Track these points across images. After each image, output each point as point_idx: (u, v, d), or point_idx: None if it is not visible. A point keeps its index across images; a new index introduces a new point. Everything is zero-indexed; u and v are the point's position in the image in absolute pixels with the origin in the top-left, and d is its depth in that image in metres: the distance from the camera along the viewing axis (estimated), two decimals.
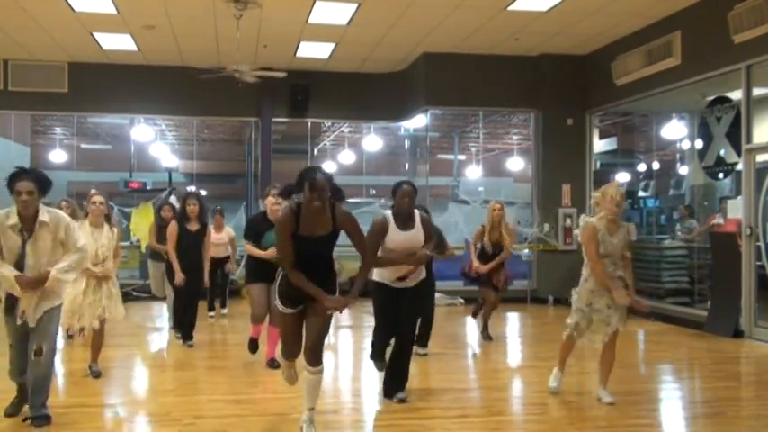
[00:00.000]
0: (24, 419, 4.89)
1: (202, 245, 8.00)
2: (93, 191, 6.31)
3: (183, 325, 8.01)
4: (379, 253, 5.39)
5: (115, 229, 6.39)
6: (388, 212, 5.49)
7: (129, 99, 12.93)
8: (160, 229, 9.01)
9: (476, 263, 8.30)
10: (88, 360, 6.48)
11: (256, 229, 6.79)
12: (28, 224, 4.69)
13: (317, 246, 4.46)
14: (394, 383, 5.62)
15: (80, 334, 6.77)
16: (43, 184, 4.72)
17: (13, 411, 5.06)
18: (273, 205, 6.63)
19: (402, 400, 5.56)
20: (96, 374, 6.38)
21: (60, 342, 7.92)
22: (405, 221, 5.46)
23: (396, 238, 5.41)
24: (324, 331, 4.66)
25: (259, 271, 6.66)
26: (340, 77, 13.25)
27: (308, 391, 4.65)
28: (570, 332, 5.65)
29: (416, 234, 5.48)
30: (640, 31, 10.61)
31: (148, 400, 5.99)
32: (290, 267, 4.44)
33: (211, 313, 10.20)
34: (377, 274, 5.67)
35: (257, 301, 6.75)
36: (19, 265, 4.68)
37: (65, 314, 6.05)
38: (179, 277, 7.80)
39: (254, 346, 6.83)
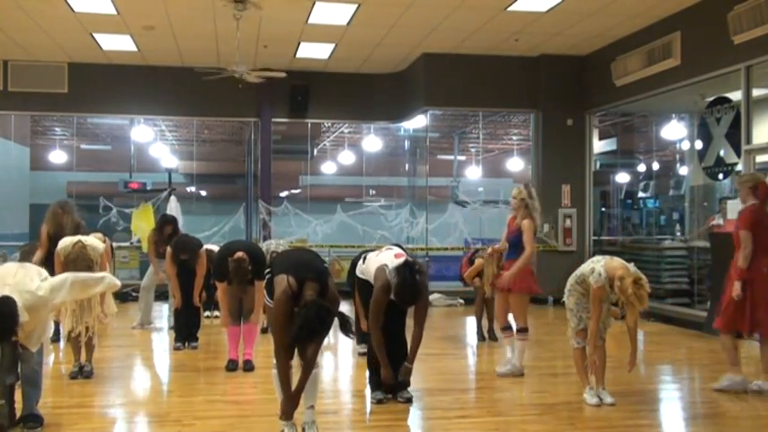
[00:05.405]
0: (17, 421, 4.74)
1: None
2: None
3: (181, 327, 7.96)
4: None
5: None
6: (393, 279, 5.21)
7: (129, 99, 12.93)
8: (158, 242, 9.12)
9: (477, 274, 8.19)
10: (82, 359, 6.39)
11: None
12: None
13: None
14: (397, 383, 5.61)
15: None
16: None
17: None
18: None
19: (409, 400, 5.55)
20: (88, 374, 6.33)
21: (61, 343, 7.95)
22: None
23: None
24: None
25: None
26: (340, 78, 13.26)
27: (307, 387, 4.59)
28: (572, 337, 5.66)
29: None
30: (640, 31, 10.61)
31: (148, 401, 5.99)
32: None
33: (207, 313, 10.15)
34: (362, 273, 5.72)
35: (230, 297, 6.74)
36: None
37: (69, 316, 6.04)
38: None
39: (234, 366, 6.72)
